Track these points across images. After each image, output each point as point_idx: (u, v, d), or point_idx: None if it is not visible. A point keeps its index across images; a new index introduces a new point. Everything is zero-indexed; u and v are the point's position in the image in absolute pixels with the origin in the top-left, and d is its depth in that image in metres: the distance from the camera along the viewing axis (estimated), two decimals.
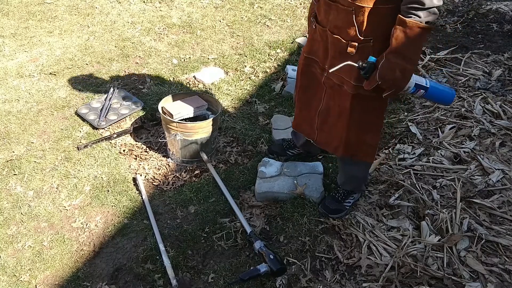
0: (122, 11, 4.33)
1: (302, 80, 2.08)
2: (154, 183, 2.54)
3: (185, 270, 2.07)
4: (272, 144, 2.72)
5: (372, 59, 1.66)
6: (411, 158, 2.60)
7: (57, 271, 2.08)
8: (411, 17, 1.56)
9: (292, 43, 3.83)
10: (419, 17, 1.56)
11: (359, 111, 1.89)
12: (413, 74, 1.71)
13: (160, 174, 2.61)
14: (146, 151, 2.76)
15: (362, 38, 1.70)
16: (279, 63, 3.58)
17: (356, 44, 1.71)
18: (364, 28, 1.68)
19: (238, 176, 2.54)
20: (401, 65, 1.61)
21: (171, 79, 3.40)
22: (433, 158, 2.58)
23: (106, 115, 2.96)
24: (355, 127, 1.95)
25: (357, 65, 1.69)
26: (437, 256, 2.04)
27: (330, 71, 1.77)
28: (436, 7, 1.56)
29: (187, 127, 2.50)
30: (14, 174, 2.56)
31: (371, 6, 1.63)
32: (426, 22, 1.56)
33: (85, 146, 2.72)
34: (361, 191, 2.34)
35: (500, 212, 2.23)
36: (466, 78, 3.28)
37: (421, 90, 1.77)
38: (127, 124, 2.97)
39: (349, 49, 1.73)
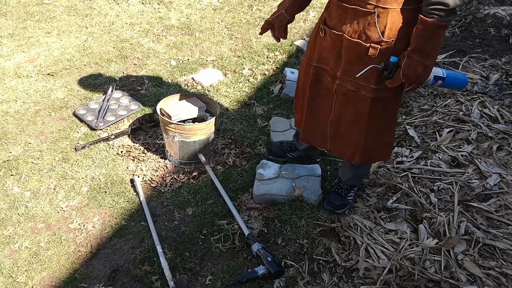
0: (120, 12, 4.33)
1: (311, 91, 2.03)
2: (151, 185, 2.54)
3: (183, 272, 2.06)
4: (272, 145, 2.72)
5: (394, 59, 1.70)
6: (409, 161, 2.60)
7: (54, 272, 2.08)
8: (433, 17, 1.57)
9: (290, 45, 3.84)
10: (441, 17, 1.57)
11: (378, 114, 1.89)
12: None
13: (157, 175, 2.60)
14: (144, 153, 2.75)
15: (385, 40, 1.69)
16: (278, 66, 3.59)
17: (379, 46, 1.71)
18: (386, 30, 1.67)
19: (236, 178, 2.54)
20: (423, 62, 1.65)
21: (170, 80, 3.40)
22: (431, 162, 2.59)
23: (104, 116, 2.95)
24: (374, 131, 1.94)
25: (381, 67, 1.72)
26: (434, 259, 2.04)
27: (357, 76, 1.75)
28: (458, 6, 1.57)
29: (185, 129, 2.49)
30: (11, 175, 2.55)
31: (395, 8, 1.63)
32: (447, 21, 1.59)
33: (83, 147, 2.72)
34: (362, 185, 2.38)
35: (497, 215, 2.23)
36: None
37: (439, 81, 1.89)
38: (125, 125, 2.97)
39: (371, 51, 1.72)
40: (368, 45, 1.72)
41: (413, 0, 1.61)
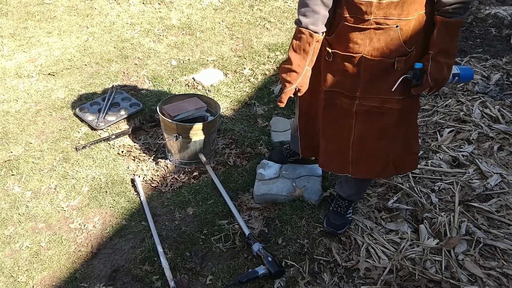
0: (121, 12, 4.33)
1: (325, 116, 1.91)
2: (152, 185, 2.54)
3: (183, 272, 2.06)
4: (272, 151, 2.69)
5: (418, 65, 1.66)
6: None
7: (55, 272, 2.08)
8: (455, 16, 1.55)
9: None
10: (461, 14, 1.55)
11: (405, 124, 1.84)
12: None
13: (158, 175, 2.60)
14: (144, 153, 2.75)
15: (409, 50, 1.64)
16: (278, 66, 3.58)
17: (404, 58, 1.65)
18: (409, 39, 1.62)
19: (236, 178, 2.54)
20: (448, 62, 1.63)
21: (170, 80, 3.40)
22: (431, 162, 2.58)
23: (104, 116, 2.95)
24: (401, 141, 1.88)
25: (410, 76, 1.68)
26: (435, 260, 2.04)
27: (393, 90, 1.68)
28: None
29: (186, 129, 2.49)
30: (12, 175, 2.55)
31: (415, 16, 1.58)
32: (466, 17, 1.58)
33: (84, 147, 2.72)
34: (360, 199, 2.33)
35: (498, 216, 2.23)
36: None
37: (456, 78, 1.91)
38: (125, 125, 2.97)
39: (397, 65, 1.66)
40: (393, 60, 1.65)
41: (428, 3, 1.58)
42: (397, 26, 1.58)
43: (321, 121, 1.94)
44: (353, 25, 1.63)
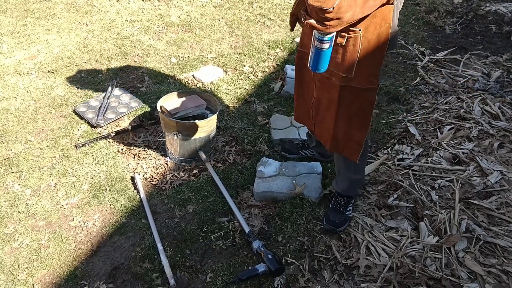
0: (120, 9, 4.32)
1: (297, 73, 2.13)
2: (152, 182, 2.53)
3: (183, 269, 2.06)
4: (285, 142, 2.70)
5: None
6: (410, 159, 2.60)
7: (55, 269, 2.08)
8: None
9: (291, 42, 3.83)
10: None
11: (347, 104, 1.91)
12: None
13: (158, 173, 2.60)
14: (144, 150, 2.75)
15: (352, 28, 1.70)
16: (278, 63, 3.58)
17: (346, 34, 1.72)
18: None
19: (236, 175, 2.54)
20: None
21: (170, 78, 3.40)
22: (431, 159, 2.58)
23: (104, 114, 2.95)
24: (343, 121, 1.96)
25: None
26: (435, 257, 2.04)
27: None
28: None
29: (185, 126, 2.49)
30: (12, 172, 2.55)
31: None
32: None
33: (83, 145, 2.71)
34: (358, 195, 2.34)
35: (498, 213, 2.23)
36: (465, 79, 3.28)
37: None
38: (125, 122, 2.96)
39: (339, 40, 1.74)
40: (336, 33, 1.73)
41: None
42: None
43: (295, 79, 2.12)
44: None
